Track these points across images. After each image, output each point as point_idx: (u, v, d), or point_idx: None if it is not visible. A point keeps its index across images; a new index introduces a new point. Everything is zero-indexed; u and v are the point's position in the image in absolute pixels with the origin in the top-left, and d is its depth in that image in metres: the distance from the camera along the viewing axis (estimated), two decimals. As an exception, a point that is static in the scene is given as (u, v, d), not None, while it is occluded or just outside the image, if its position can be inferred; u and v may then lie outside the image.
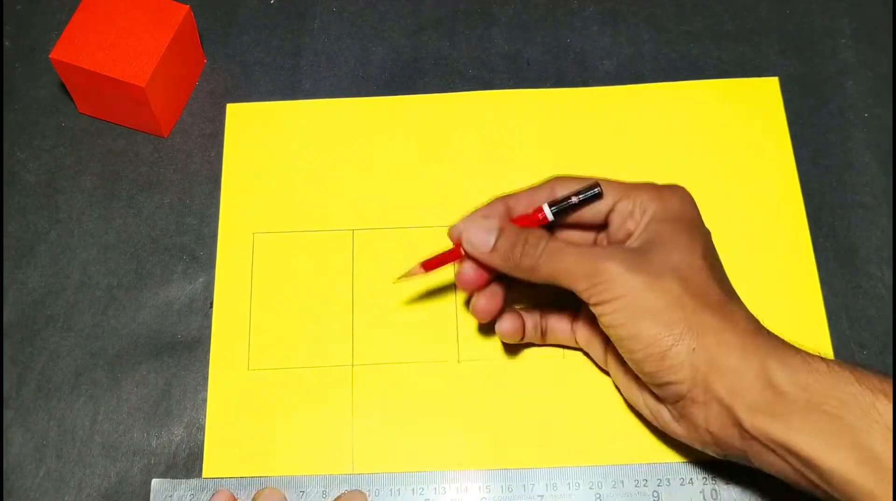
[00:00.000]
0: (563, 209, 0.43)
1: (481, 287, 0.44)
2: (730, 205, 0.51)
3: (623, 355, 0.40)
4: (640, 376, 0.40)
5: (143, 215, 0.51)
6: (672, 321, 0.38)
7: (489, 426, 0.47)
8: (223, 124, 0.54)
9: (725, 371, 0.37)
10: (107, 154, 0.53)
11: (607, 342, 0.43)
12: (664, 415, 0.41)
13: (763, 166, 0.52)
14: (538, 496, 0.44)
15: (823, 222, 0.51)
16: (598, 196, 0.43)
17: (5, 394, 0.47)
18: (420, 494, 0.44)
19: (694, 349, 0.37)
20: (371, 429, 0.46)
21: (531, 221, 0.43)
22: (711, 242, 0.42)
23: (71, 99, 0.54)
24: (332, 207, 0.51)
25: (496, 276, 0.44)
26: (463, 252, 0.44)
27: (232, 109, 0.54)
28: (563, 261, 0.40)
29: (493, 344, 0.48)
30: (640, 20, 0.57)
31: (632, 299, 0.38)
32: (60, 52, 0.49)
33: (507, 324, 0.45)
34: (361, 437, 0.46)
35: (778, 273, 0.49)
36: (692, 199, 0.43)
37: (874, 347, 0.48)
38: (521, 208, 0.44)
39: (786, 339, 0.39)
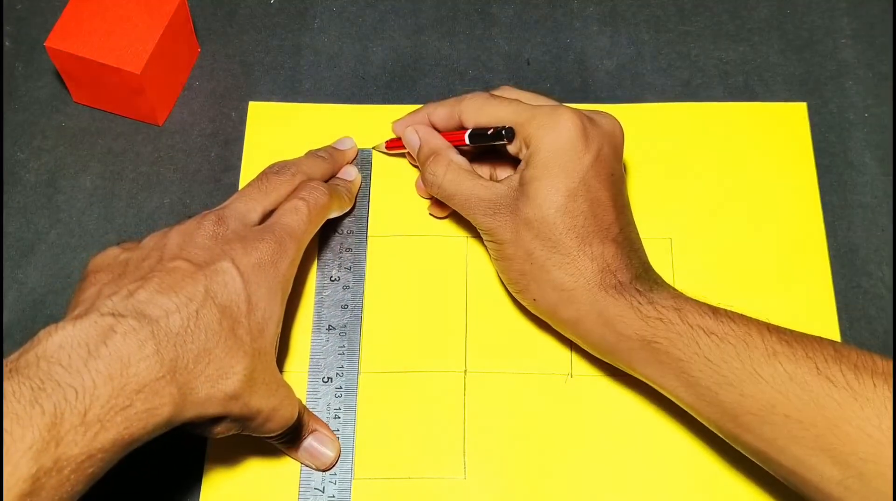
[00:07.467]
0: (477, 140, 0.47)
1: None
2: (750, 227, 0.50)
3: None
4: None
5: (144, 215, 0.51)
6: (521, 273, 0.44)
7: (497, 442, 0.46)
8: (223, 124, 0.54)
9: (568, 320, 0.44)
10: (107, 154, 0.53)
11: None
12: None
13: (786, 193, 0.51)
14: None
15: (823, 221, 0.51)
16: (508, 140, 0.45)
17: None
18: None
19: (535, 299, 0.45)
20: (375, 435, 0.46)
21: (450, 139, 0.48)
22: (589, 168, 0.43)
23: (71, 98, 0.53)
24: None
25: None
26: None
27: (254, 108, 0.54)
28: (458, 189, 0.46)
29: (501, 354, 0.48)
30: (640, 20, 0.57)
31: (498, 247, 0.45)
32: (56, 41, 0.49)
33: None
34: (362, 439, 0.46)
35: (794, 286, 0.49)
36: (579, 122, 0.43)
37: (874, 347, 0.48)
38: (439, 121, 0.49)
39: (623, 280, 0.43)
